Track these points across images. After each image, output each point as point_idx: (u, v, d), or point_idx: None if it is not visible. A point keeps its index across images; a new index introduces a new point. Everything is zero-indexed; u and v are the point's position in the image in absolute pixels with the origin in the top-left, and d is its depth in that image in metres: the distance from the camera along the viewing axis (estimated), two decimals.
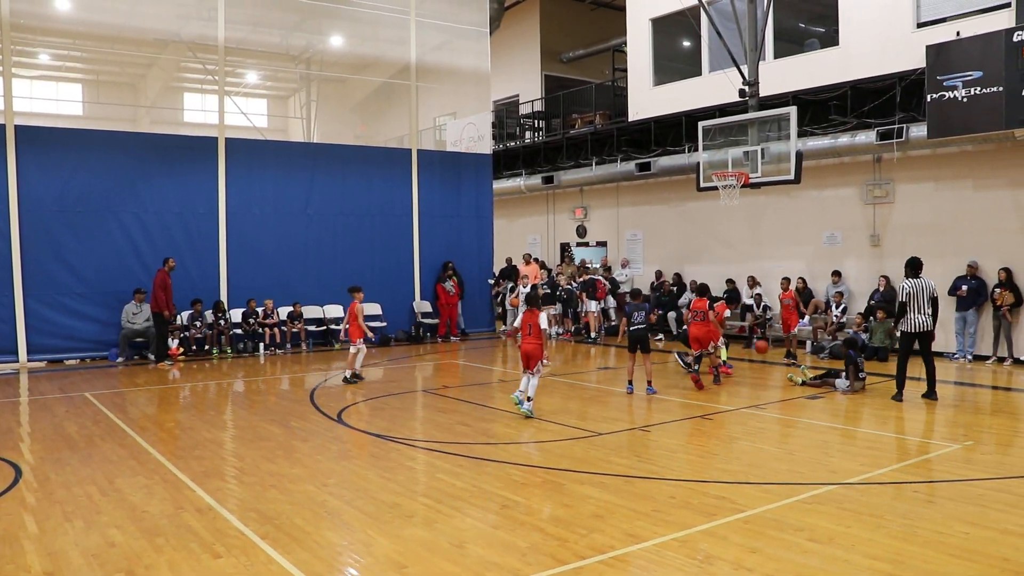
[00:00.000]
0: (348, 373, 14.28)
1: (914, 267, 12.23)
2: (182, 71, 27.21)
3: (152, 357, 17.15)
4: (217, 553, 6.00)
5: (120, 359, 17.18)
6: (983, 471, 8.16)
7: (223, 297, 18.69)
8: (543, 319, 11.16)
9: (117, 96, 28.88)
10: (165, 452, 9.20)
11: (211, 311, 18.21)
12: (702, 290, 14.22)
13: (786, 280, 17.16)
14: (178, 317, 17.68)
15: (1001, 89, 14.33)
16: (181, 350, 17.54)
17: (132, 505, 7.17)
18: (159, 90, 29.34)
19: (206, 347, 18.06)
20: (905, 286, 12.09)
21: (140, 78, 28.95)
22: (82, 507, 7.13)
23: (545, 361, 11.19)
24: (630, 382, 12.92)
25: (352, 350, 14.41)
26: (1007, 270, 15.55)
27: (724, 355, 14.62)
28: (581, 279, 22.09)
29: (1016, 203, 15.75)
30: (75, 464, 8.68)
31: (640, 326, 12.67)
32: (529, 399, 10.99)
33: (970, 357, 15.97)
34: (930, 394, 12.09)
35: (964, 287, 15.83)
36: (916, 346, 12.08)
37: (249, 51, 24.12)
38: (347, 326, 14.82)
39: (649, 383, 12.77)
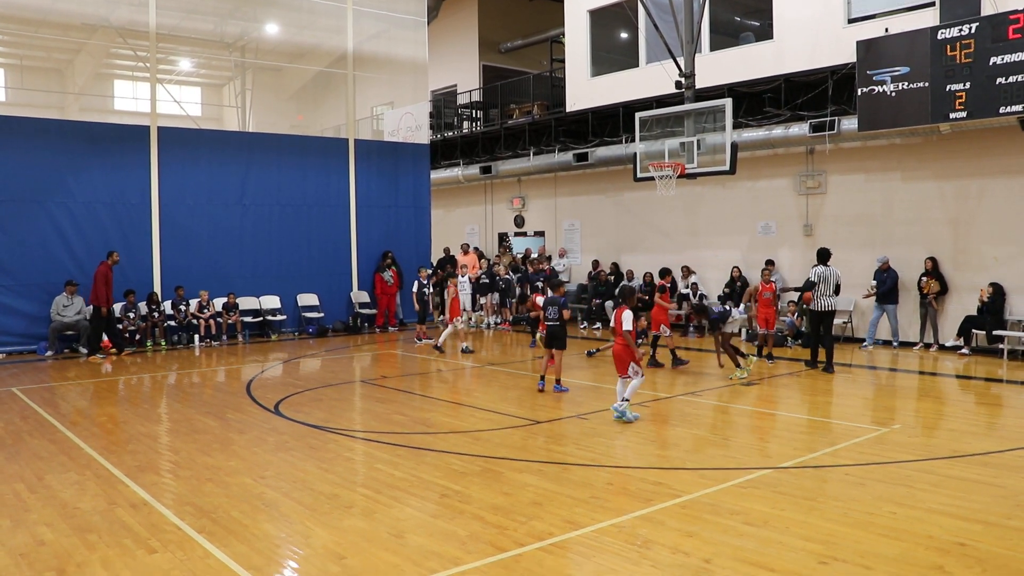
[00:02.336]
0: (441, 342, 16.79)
1: (823, 256, 13.74)
2: (112, 57, 26.53)
3: (84, 351, 16.75)
4: (152, 548, 5.91)
5: (49, 353, 16.73)
6: (910, 453, 8.41)
7: (157, 289, 18.32)
8: (626, 317, 10.09)
9: (43, 82, 27.97)
10: (97, 447, 9.01)
11: (144, 303, 17.83)
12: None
13: (768, 269, 16.08)
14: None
15: (927, 84, 14.74)
16: (113, 343, 17.14)
17: (63, 502, 7.01)
18: (88, 77, 28.51)
19: (138, 339, 17.65)
20: (815, 272, 13.58)
21: (67, 64, 28.12)
22: (9, 505, 6.95)
23: (635, 367, 10.07)
24: (542, 377, 12.27)
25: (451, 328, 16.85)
26: (933, 259, 16.03)
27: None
28: (533, 269, 21.97)
29: (941, 195, 16.22)
30: (1, 461, 8.44)
31: (555, 322, 12.03)
32: (626, 400, 10.03)
33: (895, 344, 16.42)
34: (828, 368, 13.59)
35: (875, 283, 16.41)
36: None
37: (182, 38, 23.59)
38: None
39: (558, 381, 12.12)
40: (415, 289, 18.85)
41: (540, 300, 13.45)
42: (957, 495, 6.97)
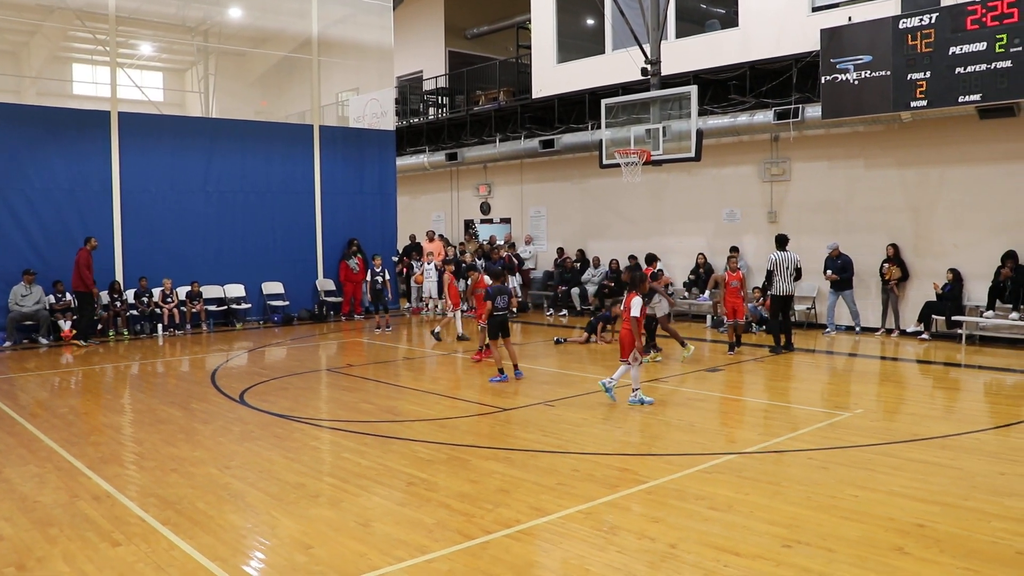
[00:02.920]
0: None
1: (781, 242, 14.51)
2: (70, 40, 26.00)
3: (44, 341, 16.51)
4: (116, 541, 5.84)
5: (7, 343, 16.46)
6: (871, 437, 8.53)
7: (119, 277, 18.07)
8: (635, 303, 10.08)
9: None
10: (58, 439, 8.88)
11: (107, 292, 17.59)
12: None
13: (734, 257, 15.21)
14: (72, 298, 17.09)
15: (889, 73, 14.89)
16: (74, 332, 16.90)
17: (22, 495, 6.91)
18: (45, 60, 27.91)
19: (100, 328, 17.43)
20: (772, 257, 14.22)
21: (23, 46, 27.46)
22: None
23: (635, 354, 10.14)
24: (501, 370, 12.06)
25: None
26: (894, 246, 16.25)
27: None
28: (497, 258, 21.94)
29: (903, 182, 16.43)
30: None
31: (502, 311, 12.08)
32: (635, 391, 10.21)
33: (858, 330, 16.63)
34: (788, 346, 14.50)
35: (830, 271, 16.60)
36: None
37: (142, 21, 23.17)
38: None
39: (516, 366, 12.19)
40: (368, 278, 18.74)
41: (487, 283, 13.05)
42: (917, 478, 7.09)
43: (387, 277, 18.96)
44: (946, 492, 6.69)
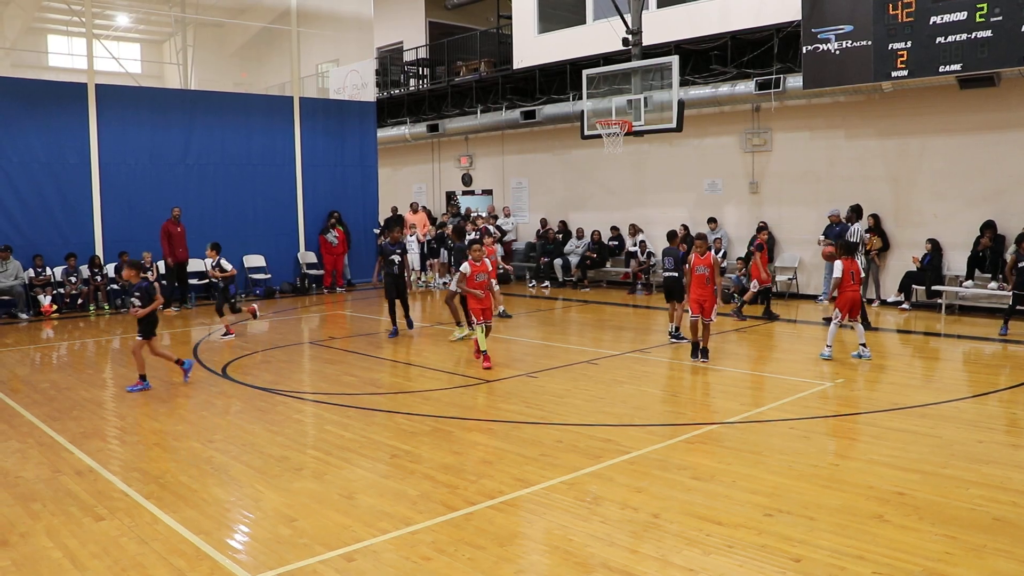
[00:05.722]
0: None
1: (860, 212, 13.98)
2: (44, 11, 25.63)
3: (24, 316, 16.37)
4: (99, 516, 5.84)
5: None
6: (852, 407, 8.63)
7: (99, 251, 17.92)
8: (837, 267, 10.93)
9: None
10: (40, 414, 8.84)
11: (87, 266, 17.45)
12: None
13: (701, 241, 12.97)
14: (51, 272, 16.96)
15: (869, 43, 14.88)
16: (55, 307, 16.77)
17: (4, 471, 6.89)
18: (19, 30, 27.47)
19: (80, 303, 17.30)
20: (858, 228, 13.85)
21: None
22: None
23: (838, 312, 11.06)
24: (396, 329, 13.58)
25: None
26: (875, 216, 16.31)
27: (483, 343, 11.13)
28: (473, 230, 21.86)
29: (883, 152, 16.47)
30: None
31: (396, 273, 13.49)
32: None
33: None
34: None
35: (824, 237, 16.51)
36: None
37: None
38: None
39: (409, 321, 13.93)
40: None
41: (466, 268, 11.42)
42: (896, 446, 7.18)
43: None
44: (925, 460, 6.77)
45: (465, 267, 11.09)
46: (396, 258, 13.63)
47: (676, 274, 12.28)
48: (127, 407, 9.19)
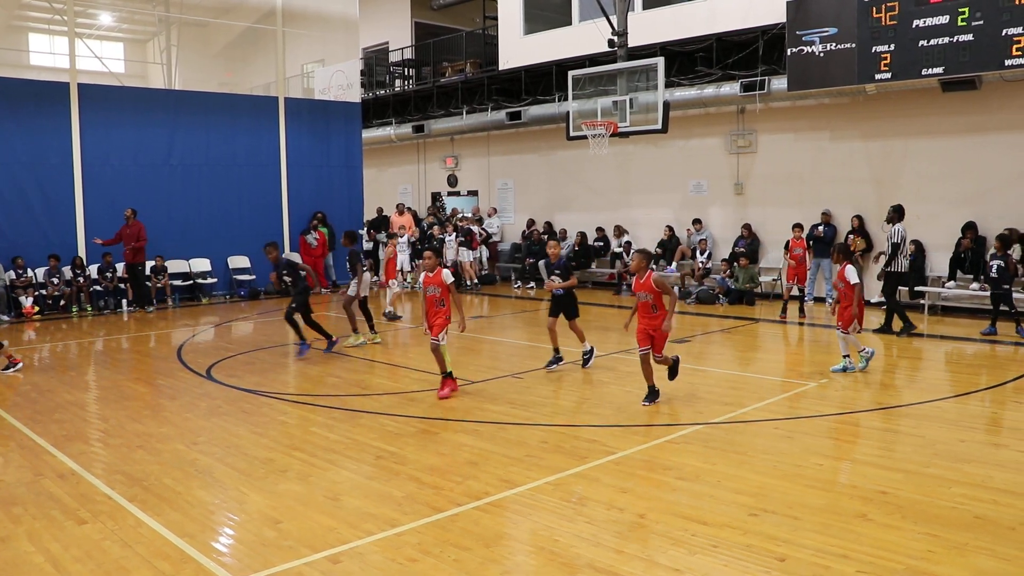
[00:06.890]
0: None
1: (902, 213, 13.16)
2: (25, 8, 25.43)
3: (5, 318, 16.25)
4: (82, 519, 5.80)
5: None
6: (836, 407, 8.66)
7: (81, 252, 17.81)
8: (849, 272, 10.38)
9: None
10: (21, 417, 8.78)
11: (69, 267, 17.33)
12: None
13: (799, 227, 15.79)
14: (33, 274, 16.84)
15: (853, 46, 14.98)
16: (36, 309, 16.67)
17: None
18: (0, 29, 27.34)
19: (62, 304, 17.18)
20: (900, 229, 13.05)
21: None
22: None
23: (856, 325, 10.39)
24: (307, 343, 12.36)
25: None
26: (859, 217, 16.39)
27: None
28: (455, 229, 21.96)
29: (867, 154, 16.57)
30: None
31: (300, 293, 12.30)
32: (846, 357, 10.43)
33: (831, 300, 16.69)
34: (908, 327, 13.08)
35: (821, 229, 16.55)
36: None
37: None
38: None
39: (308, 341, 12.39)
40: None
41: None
42: (880, 446, 7.23)
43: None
44: (908, 459, 6.82)
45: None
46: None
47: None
48: (110, 409, 9.14)
